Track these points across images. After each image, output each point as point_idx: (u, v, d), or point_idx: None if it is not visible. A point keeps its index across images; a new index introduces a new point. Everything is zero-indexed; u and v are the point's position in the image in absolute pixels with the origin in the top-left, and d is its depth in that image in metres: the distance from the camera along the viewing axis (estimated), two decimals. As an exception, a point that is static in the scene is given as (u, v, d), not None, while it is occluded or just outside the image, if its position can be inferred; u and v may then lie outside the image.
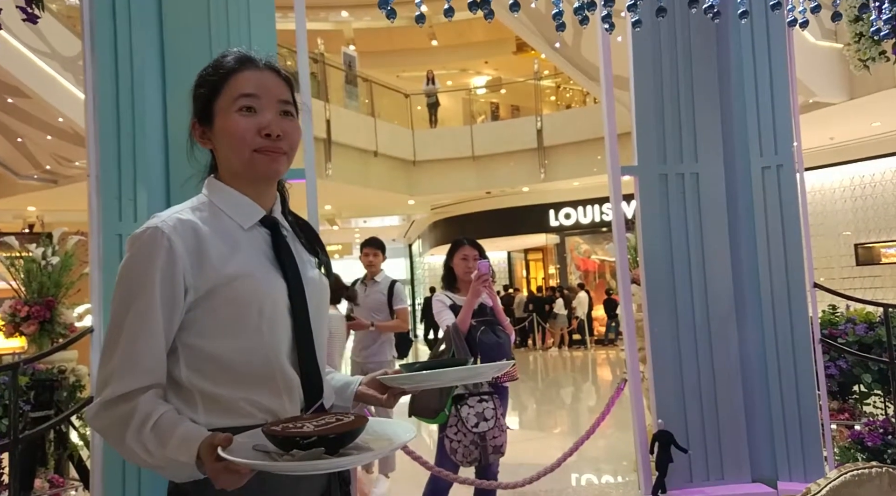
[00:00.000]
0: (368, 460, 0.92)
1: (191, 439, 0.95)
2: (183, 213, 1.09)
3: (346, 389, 1.22)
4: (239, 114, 1.10)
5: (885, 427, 3.13)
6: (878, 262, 11.22)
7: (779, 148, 2.72)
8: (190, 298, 1.04)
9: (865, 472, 0.98)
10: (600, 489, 4.41)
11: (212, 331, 1.04)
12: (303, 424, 0.92)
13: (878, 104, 8.59)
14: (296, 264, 1.13)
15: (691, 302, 2.66)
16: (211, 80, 1.13)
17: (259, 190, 1.15)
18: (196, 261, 1.04)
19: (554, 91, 16.87)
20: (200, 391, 1.04)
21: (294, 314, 1.09)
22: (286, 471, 0.88)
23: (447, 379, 1.14)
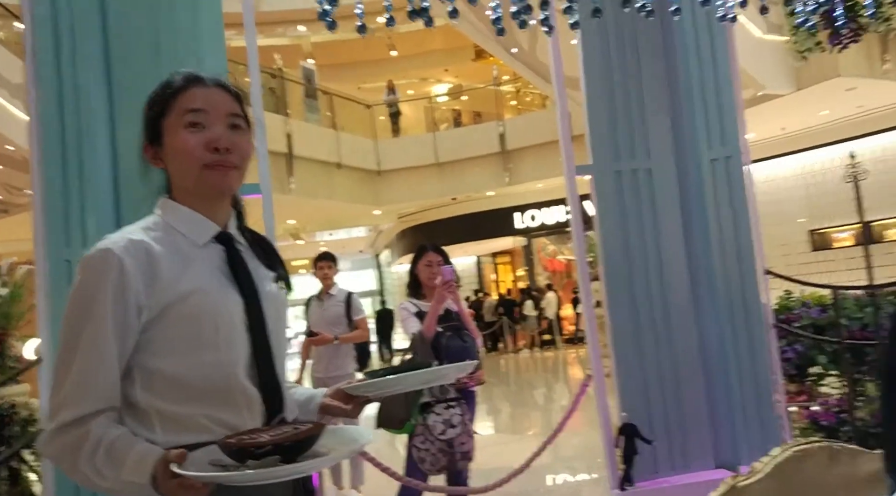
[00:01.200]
0: (324, 465, 0.93)
1: (145, 459, 0.94)
2: (134, 233, 1.09)
3: (310, 402, 1.21)
4: (187, 130, 1.10)
5: (840, 405, 3.22)
6: (832, 247, 11.56)
7: (726, 140, 2.79)
8: (144, 318, 1.03)
9: (806, 448, 1.01)
10: (573, 487, 4.44)
11: (167, 350, 1.04)
12: (259, 435, 0.92)
13: (824, 94, 8.86)
14: (252, 279, 1.13)
15: (649, 295, 2.70)
16: (159, 99, 1.13)
17: (212, 206, 1.14)
18: (148, 281, 1.03)
19: (514, 96, 17.03)
20: (157, 411, 1.03)
21: (251, 329, 1.09)
22: (241, 481, 0.88)
23: (411, 382, 1.14)
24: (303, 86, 13.15)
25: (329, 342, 4.18)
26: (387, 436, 5.39)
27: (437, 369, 1.14)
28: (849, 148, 10.52)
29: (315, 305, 4.36)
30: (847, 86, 8.66)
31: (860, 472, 0.99)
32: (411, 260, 3.37)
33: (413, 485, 2.86)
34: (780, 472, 1.01)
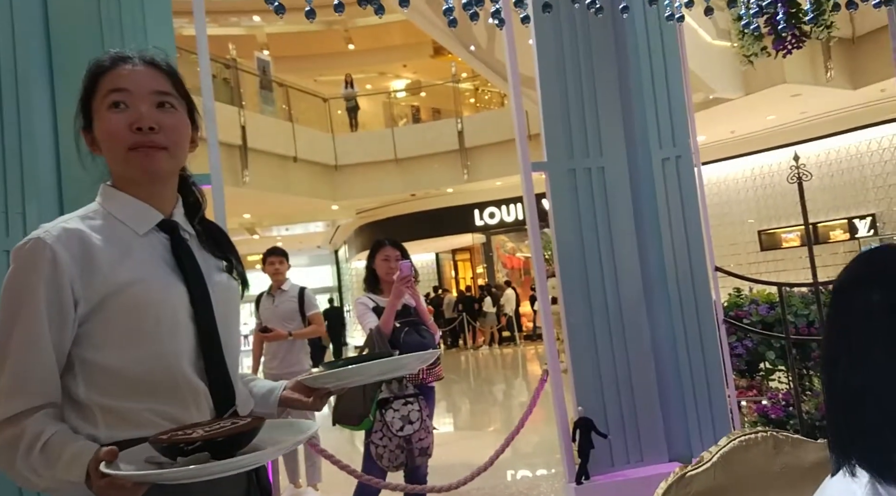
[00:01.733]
0: (258, 461, 0.88)
1: (79, 458, 0.90)
2: (70, 221, 1.03)
3: (270, 395, 1.18)
4: (110, 111, 1.04)
5: (787, 399, 3.34)
6: (780, 247, 11.99)
7: (676, 140, 2.85)
8: (81, 310, 0.98)
9: (752, 437, 1.04)
10: (531, 482, 4.49)
11: (108, 343, 0.99)
12: (194, 430, 0.88)
13: (771, 98, 9.17)
14: (198, 268, 1.09)
15: (603, 291, 2.75)
16: (87, 81, 1.08)
17: (153, 192, 1.09)
18: (84, 271, 0.98)
19: (473, 93, 17.10)
20: (100, 406, 0.99)
21: (197, 320, 1.05)
22: (169, 479, 0.84)
23: (371, 372, 1.11)
24: (258, 77, 12.91)
25: (283, 338, 4.13)
26: (344, 433, 5.34)
27: (398, 358, 1.12)
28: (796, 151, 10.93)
29: (266, 301, 4.30)
30: (792, 92, 8.98)
31: (803, 461, 1.03)
32: (368, 254, 3.34)
33: (371, 482, 2.84)
34: (727, 461, 1.04)
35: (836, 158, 11.33)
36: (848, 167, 11.27)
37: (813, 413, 3.04)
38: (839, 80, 8.87)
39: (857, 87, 9.09)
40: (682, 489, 1.00)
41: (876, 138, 11.00)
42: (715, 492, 1.00)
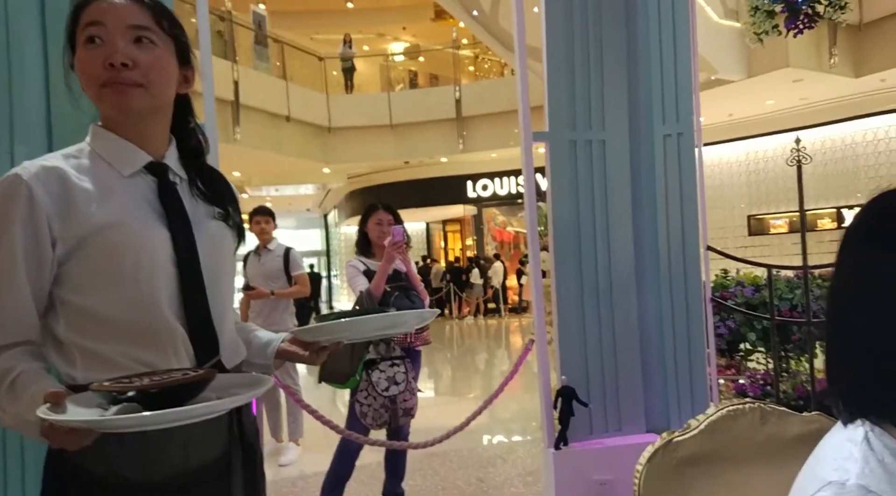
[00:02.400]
0: (189, 416, 0.82)
1: (38, 397, 0.87)
2: (50, 159, 1.01)
3: (268, 347, 1.17)
4: (86, 47, 1.00)
5: (766, 379, 3.41)
6: (768, 233, 12.09)
7: (680, 117, 2.83)
8: (59, 251, 0.96)
9: (740, 408, 1.06)
10: (508, 446, 4.57)
11: (87, 285, 0.97)
12: (140, 379, 0.86)
13: (772, 83, 9.14)
14: (184, 213, 1.06)
15: (595, 264, 2.75)
16: (70, 15, 1.03)
17: (140, 132, 1.06)
18: (62, 210, 0.96)
19: (472, 61, 16.87)
20: (79, 347, 0.98)
21: (180, 265, 1.02)
22: (99, 427, 0.82)
23: (369, 327, 1.09)
24: (253, 32, 12.64)
25: (265, 296, 4.15)
26: (327, 391, 5.38)
27: (397, 314, 1.09)
28: (791, 138, 10.91)
29: (252, 260, 4.32)
30: (794, 77, 8.95)
31: (787, 434, 1.05)
32: (361, 217, 3.33)
33: (354, 437, 2.87)
34: (714, 429, 1.06)
35: (830, 147, 11.37)
36: (842, 156, 11.31)
37: (790, 393, 3.11)
38: (842, 67, 8.84)
39: (858, 75, 9.08)
40: (669, 454, 1.02)
41: (872, 129, 11.03)
42: (700, 457, 1.02)
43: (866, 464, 0.67)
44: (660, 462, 1.01)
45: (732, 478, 1.01)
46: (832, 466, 0.69)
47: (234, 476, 1.07)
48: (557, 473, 2.51)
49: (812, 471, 0.71)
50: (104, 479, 0.96)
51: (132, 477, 0.97)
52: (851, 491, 0.65)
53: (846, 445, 0.70)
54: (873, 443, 0.68)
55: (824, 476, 0.68)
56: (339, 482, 3.03)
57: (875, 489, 0.65)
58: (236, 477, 1.07)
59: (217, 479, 1.05)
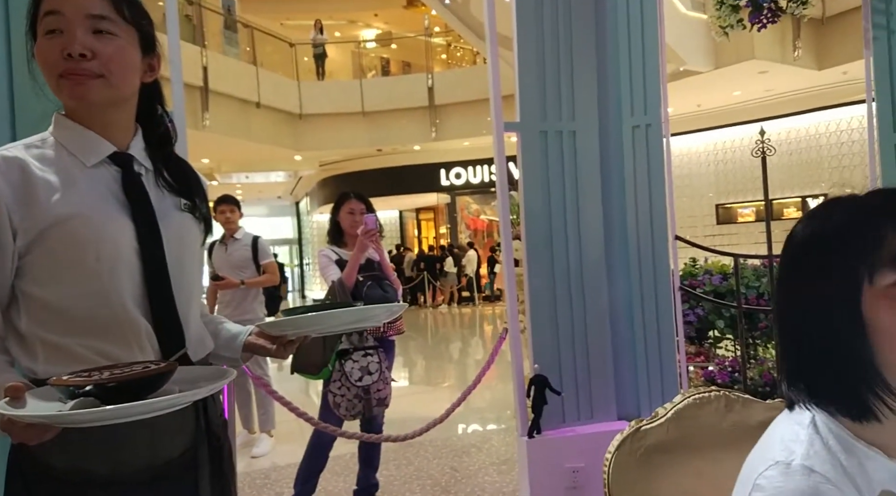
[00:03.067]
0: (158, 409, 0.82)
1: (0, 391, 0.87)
2: (11, 149, 0.99)
3: (235, 340, 1.16)
4: (45, 37, 0.98)
5: (733, 366, 3.49)
6: (735, 221, 12.33)
7: (648, 108, 2.86)
8: (20, 242, 0.95)
9: (705, 396, 1.09)
10: (482, 435, 4.61)
11: (47, 278, 0.96)
12: (99, 373, 0.85)
13: (739, 74, 9.29)
14: (148, 204, 1.04)
15: (566, 254, 2.78)
16: (31, 3, 1.01)
17: (104, 122, 1.04)
18: (22, 201, 0.94)
19: (445, 49, 16.79)
20: (41, 340, 0.96)
21: (144, 257, 1.01)
22: (56, 422, 0.81)
23: (337, 322, 1.07)
24: (222, 16, 12.40)
25: (235, 286, 4.10)
26: (299, 381, 5.34)
27: (366, 309, 1.08)
28: (757, 128, 11.15)
29: (219, 250, 4.25)
30: (759, 68, 9.11)
31: (751, 420, 1.08)
32: (333, 206, 3.31)
33: (327, 430, 2.87)
34: (680, 417, 1.08)
35: (795, 137, 11.62)
36: (806, 147, 11.57)
37: (757, 379, 3.19)
38: (806, 59, 9.01)
39: (822, 67, 9.27)
40: (637, 442, 1.04)
41: (835, 120, 11.30)
42: (667, 445, 1.05)
43: (811, 445, 0.70)
44: (628, 450, 1.04)
45: (699, 464, 1.03)
46: (779, 447, 0.72)
47: (201, 469, 1.06)
48: (531, 461, 2.55)
49: (761, 452, 0.75)
50: (68, 474, 0.95)
51: (97, 470, 0.96)
52: (796, 470, 0.69)
53: (794, 428, 0.74)
54: (820, 427, 0.72)
55: (772, 456, 0.72)
56: (313, 473, 3.03)
57: (819, 469, 0.68)
58: (203, 470, 1.06)
59: (184, 472, 1.04)
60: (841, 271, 0.70)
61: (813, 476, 0.68)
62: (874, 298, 0.68)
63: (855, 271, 0.69)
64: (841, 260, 0.70)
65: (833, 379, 0.71)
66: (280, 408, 3.01)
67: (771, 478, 0.69)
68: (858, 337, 0.68)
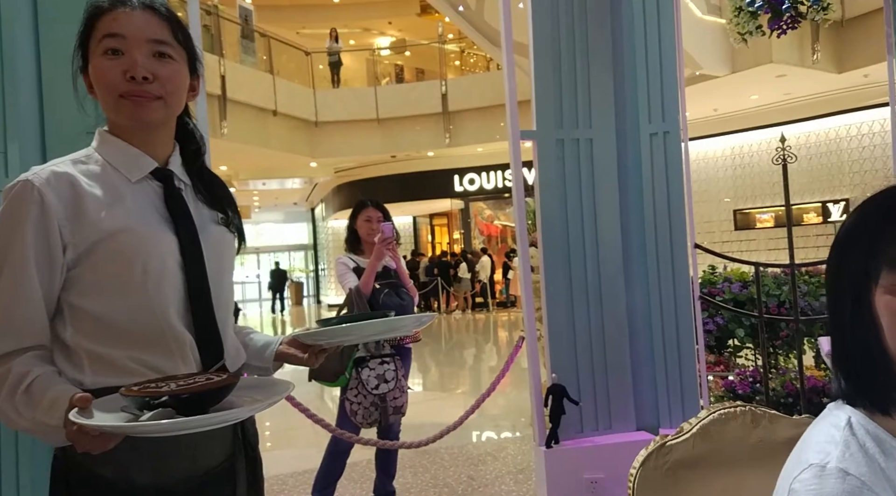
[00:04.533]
0: (227, 420, 0.86)
1: (59, 402, 0.90)
2: (60, 165, 1.02)
3: (266, 350, 1.18)
4: (104, 57, 1.02)
5: (755, 376, 3.44)
6: (754, 227, 12.20)
7: (666, 115, 2.84)
8: (69, 256, 0.98)
9: (731, 411, 1.07)
10: (498, 444, 4.59)
11: (94, 290, 0.99)
12: (166, 384, 0.87)
13: (756, 78, 9.21)
14: (190, 218, 1.07)
15: (584, 262, 2.76)
16: (85, 21, 1.05)
17: (147, 139, 1.07)
18: (73, 216, 0.97)
19: (458, 56, 16.84)
20: (87, 351, 0.99)
21: (187, 271, 1.04)
22: (132, 432, 0.84)
23: (368, 332, 1.11)
24: (239, 26, 12.53)
25: None
26: (316, 388, 5.37)
27: (395, 319, 1.11)
28: (776, 133, 11.03)
29: None
30: (777, 72, 9.03)
31: (778, 437, 1.06)
32: (350, 214, 3.32)
33: (344, 436, 2.87)
34: (706, 432, 1.07)
35: (815, 142, 11.48)
36: (826, 151, 11.43)
37: (779, 390, 3.14)
38: (825, 62, 8.92)
39: (841, 71, 9.17)
40: (662, 457, 1.03)
41: (856, 124, 11.15)
42: (693, 461, 1.03)
43: (847, 448, 0.69)
44: (653, 465, 1.02)
45: (725, 481, 1.02)
46: (815, 450, 0.71)
47: (239, 478, 1.09)
48: (549, 472, 2.53)
49: (797, 455, 0.74)
50: (114, 483, 0.97)
51: (141, 481, 0.98)
52: (831, 473, 0.67)
53: (829, 430, 0.73)
54: (856, 429, 0.71)
55: (807, 458, 0.71)
56: (331, 480, 3.03)
57: (854, 472, 0.67)
58: (240, 479, 1.09)
59: (222, 483, 1.07)
60: (851, 271, 0.73)
61: (848, 479, 0.66)
62: (880, 297, 0.70)
63: (863, 271, 0.71)
64: (850, 260, 0.73)
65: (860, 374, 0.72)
66: (297, 414, 3.01)
67: (805, 482, 0.68)
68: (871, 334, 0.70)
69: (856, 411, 0.72)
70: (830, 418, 0.74)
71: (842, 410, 0.74)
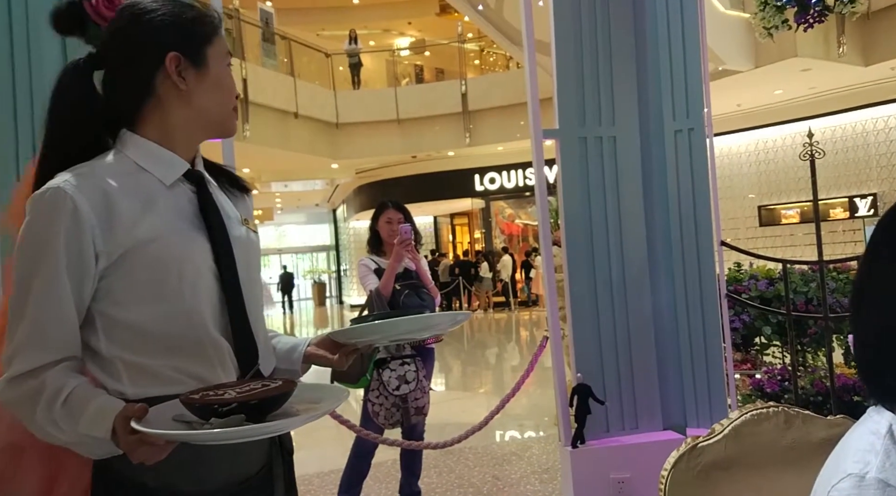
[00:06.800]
0: (294, 426, 0.88)
1: (105, 413, 0.88)
2: (91, 170, 0.98)
3: (294, 352, 1.16)
4: (227, 69, 1.10)
5: (783, 374, 3.39)
6: (779, 223, 12.00)
7: (690, 112, 2.81)
8: (102, 264, 0.95)
9: (764, 412, 1.05)
10: (523, 443, 4.58)
11: (129, 299, 0.96)
12: (224, 391, 0.87)
13: (780, 73, 9.06)
14: (223, 224, 1.05)
15: (608, 261, 2.74)
16: (207, 24, 1.07)
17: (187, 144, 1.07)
18: (105, 224, 0.94)
19: (478, 55, 16.82)
20: (123, 361, 0.97)
21: (221, 277, 1.02)
22: (205, 440, 0.84)
23: (401, 330, 1.09)
24: (260, 29, 12.65)
25: None
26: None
27: (430, 316, 1.09)
28: (801, 127, 10.85)
29: None
30: (802, 66, 8.87)
31: (812, 437, 1.04)
32: (372, 215, 3.33)
33: (369, 437, 2.89)
34: (738, 434, 1.05)
35: (841, 136, 11.26)
36: (853, 145, 11.20)
37: (808, 388, 3.09)
38: (851, 55, 8.75)
39: (868, 63, 8.98)
40: (694, 459, 1.02)
41: (883, 117, 10.92)
42: (725, 463, 1.02)
43: (887, 457, 0.66)
44: (685, 467, 1.01)
45: (758, 482, 1.01)
46: (853, 458, 0.69)
47: (277, 483, 1.08)
48: (575, 472, 2.52)
49: (835, 463, 0.71)
50: (156, 491, 0.96)
51: (183, 488, 0.97)
52: (870, 484, 0.65)
53: (869, 437, 0.70)
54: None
55: (845, 468, 0.68)
56: (357, 480, 3.05)
57: (894, 483, 0.64)
58: (278, 486, 1.08)
59: (261, 488, 1.06)
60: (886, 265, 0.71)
61: (888, 491, 0.64)
62: None
63: None
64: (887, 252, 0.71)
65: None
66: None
67: (844, 491, 0.66)
68: None
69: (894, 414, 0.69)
70: (870, 424, 0.71)
71: (882, 416, 0.71)
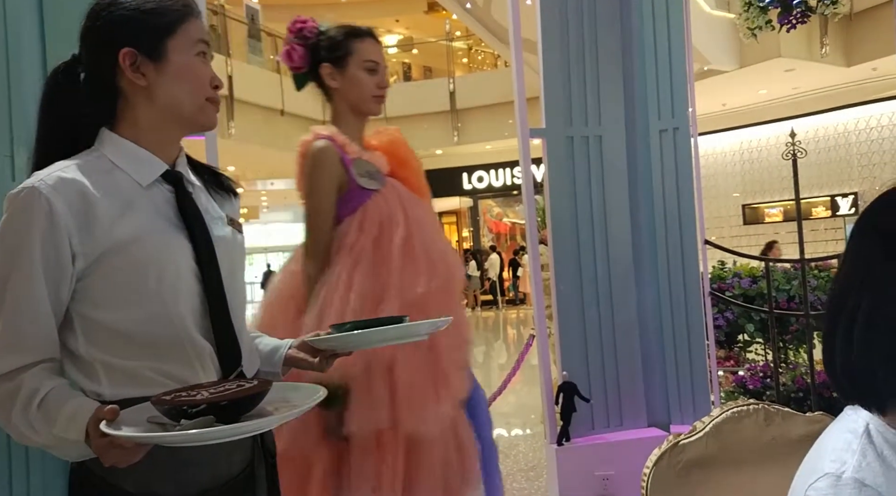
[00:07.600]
0: (267, 427, 0.87)
1: (79, 415, 0.87)
2: (67, 169, 0.96)
3: (275, 354, 1.15)
4: (198, 58, 1.04)
5: (765, 371, 3.44)
6: (763, 222, 12.13)
7: (675, 112, 2.84)
8: (79, 265, 0.93)
9: (744, 409, 1.07)
10: (510, 442, 4.60)
11: (108, 301, 0.95)
12: (198, 392, 0.85)
13: (765, 73, 9.15)
14: (204, 224, 1.03)
15: (594, 259, 2.76)
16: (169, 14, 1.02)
17: (168, 140, 1.06)
18: (82, 225, 0.93)
19: (466, 53, 16.83)
20: (102, 363, 0.95)
21: (203, 278, 1.00)
22: (174, 442, 0.82)
23: (381, 337, 1.09)
24: (246, 25, 12.57)
25: None
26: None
27: (409, 325, 1.08)
28: (784, 127, 10.93)
29: None
30: (786, 66, 8.97)
31: (792, 434, 1.06)
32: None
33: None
34: (719, 431, 1.07)
35: (823, 135, 11.40)
36: (835, 145, 11.35)
37: (789, 385, 3.14)
38: (833, 56, 8.86)
39: (850, 64, 9.10)
40: (676, 456, 1.03)
41: (864, 117, 11.06)
42: (706, 460, 1.04)
43: (864, 457, 0.66)
44: (666, 465, 1.03)
45: (738, 479, 1.02)
46: (830, 457, 0.69)
47: (259, 486, 1.07)
48: (560, 469, 2.53)
49: (812, 462, 0.71)
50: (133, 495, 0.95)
51: (162, 491, 0.96)
52: (847, 483, 0.65)
53: (846, 436, 0.70)
54: (874, 436, 0.68)
55: (822, 467, 0.68)
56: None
57: (871, 483, 0.64)
58: (260, 487, 1.07)
59: (243, 490, 1.05)
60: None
61: (865, 490, 0.64)
62: None
63: None
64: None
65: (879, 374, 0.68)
66: (309, 414, 3.03)
67: (820, 491, 0.66)
68: None
69: (874, 417, 0.69)
70: (847, 422, 0.71)
71: (858, 414, 0.70)
